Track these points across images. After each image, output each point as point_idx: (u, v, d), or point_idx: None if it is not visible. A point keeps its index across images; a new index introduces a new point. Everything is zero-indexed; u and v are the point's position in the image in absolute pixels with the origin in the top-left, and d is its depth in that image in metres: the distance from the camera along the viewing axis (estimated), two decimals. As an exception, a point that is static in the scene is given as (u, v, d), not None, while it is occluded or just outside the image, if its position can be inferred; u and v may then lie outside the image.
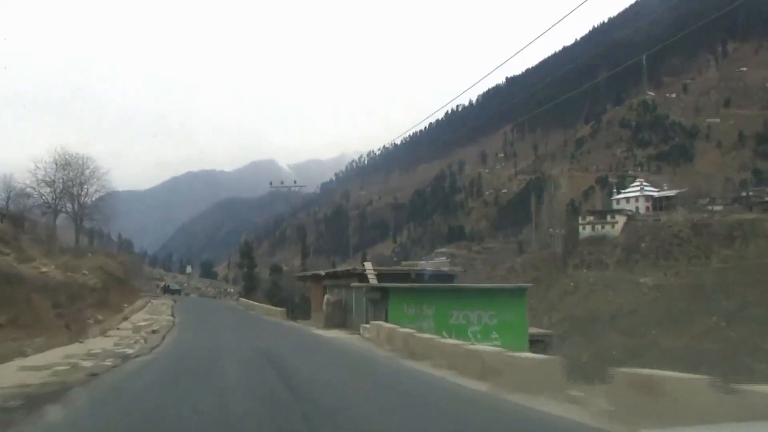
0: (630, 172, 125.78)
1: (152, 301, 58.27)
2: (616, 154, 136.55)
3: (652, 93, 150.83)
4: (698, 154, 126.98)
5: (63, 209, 66.00)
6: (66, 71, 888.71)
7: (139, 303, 51.94)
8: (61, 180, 63.79)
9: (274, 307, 54.56)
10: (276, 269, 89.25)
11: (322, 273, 46.42)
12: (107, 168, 68.99)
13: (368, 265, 38.77)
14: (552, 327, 53.50)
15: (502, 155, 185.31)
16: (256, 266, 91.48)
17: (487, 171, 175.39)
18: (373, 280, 34.85)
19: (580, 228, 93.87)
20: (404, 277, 36.00)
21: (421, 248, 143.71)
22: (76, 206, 65.74)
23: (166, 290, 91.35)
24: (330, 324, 34.27)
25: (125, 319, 37.29)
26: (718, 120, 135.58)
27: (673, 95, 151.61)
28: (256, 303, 63.29)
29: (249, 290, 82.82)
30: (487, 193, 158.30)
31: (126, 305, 45.89)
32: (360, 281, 34.94)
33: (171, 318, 38.96)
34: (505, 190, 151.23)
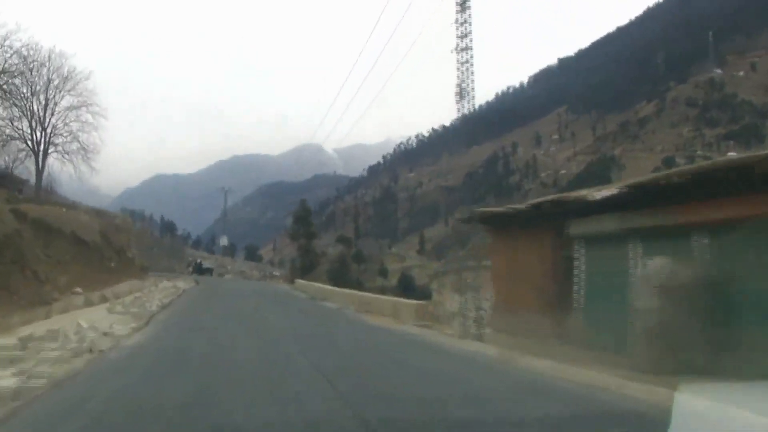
0: (698, 152, 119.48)
1: (160, 283, 38.27)
2: (682, 134, 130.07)
3: (719, 70, 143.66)
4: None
5: (12, 132, 39.43)
6: (111, 56, 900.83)
7: (123, 286, 31.39)
8: None
9: (399, 300, 28.19)
10: (343, 240, 75.87)
11: (595, 195, 14.07)
12: (89, 71, 42.64)
13: None
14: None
15: (557, 137, 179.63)
16: (315, 236, 72.48)
17: (542, 153, 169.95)
18: None
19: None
20: None
21: (477, 231, 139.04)
22: (36, 128, 39.88)
23: (196, 269, 72.40)
24: (667, 358, 10.50)
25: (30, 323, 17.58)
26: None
27: (741, 73, 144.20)
28: (325, 287, 41.31)
29: (307, 269, 63.28)
30: (543, 174, 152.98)
31: (79, 290, 26.45)
32: None
33: (133, 327, 17.79)
34: (564, 171, 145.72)
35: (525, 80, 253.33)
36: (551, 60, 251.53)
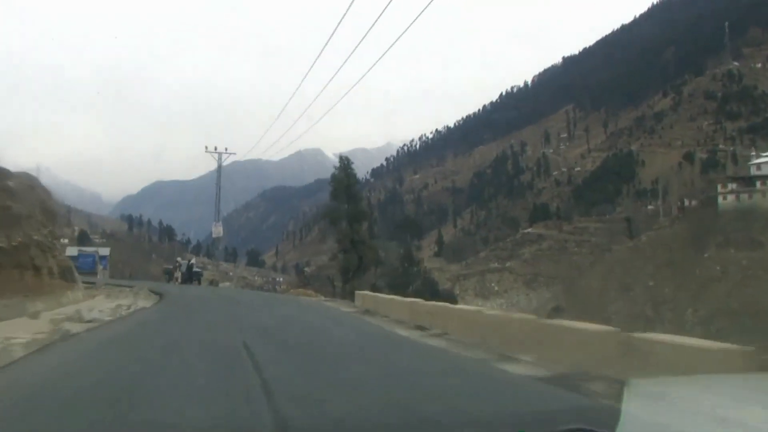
0: (721, 146, 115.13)
1: (56, 308, 18.12)
2: (702, 127, 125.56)
3: (737, 63, 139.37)
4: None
5: None
6: (112, 64, 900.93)
7: None
8: None
9: None
10: (405, 226, 50.33)
11: None
12: None
13: None
14: (701, 323, 42.11)
15: (565, 135, 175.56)
16: (365, 218, 49.66)
17: (551, 151, 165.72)
18: None
19: (720, 198, 79.65)
20: None
21: (489, 231, 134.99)
22: None
23: (184, 275, 45.48)
24: None
25: None
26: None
27: (758, 65, 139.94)
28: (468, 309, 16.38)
29: (351, 272, 42.67)
30: (555, 172, 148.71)
31: None
32: None
33: None
34: (578, 168, 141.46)
35: (529, 79, 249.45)
36: (555, 59, 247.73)
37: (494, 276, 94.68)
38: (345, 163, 47.71)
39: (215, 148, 59.18)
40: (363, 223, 46.62)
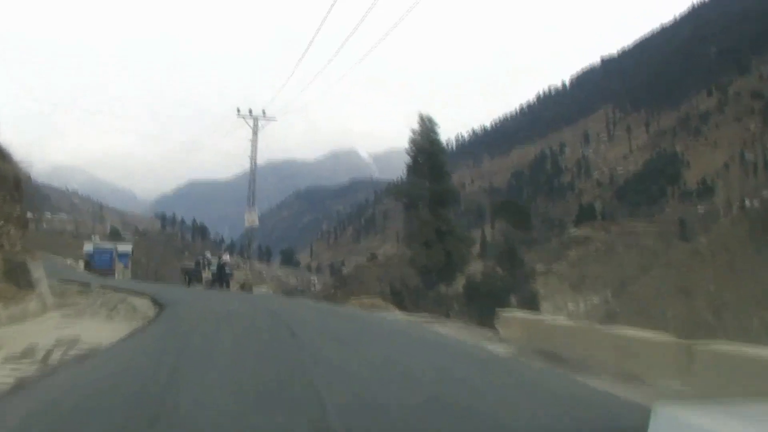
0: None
1: None
2: (749, 128, 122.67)
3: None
4: None
5: None
6: (148, 66, 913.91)
7: None
8: None
9: None
10: (508, 209, 41.86)
11: None
12: None
13: None
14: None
15: (605, 136, 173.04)
16: (448, 177, 37.71)
17: (590, 152, 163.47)
18: None
19: (783, 198, 76.04)
20: None
21: (526, 232, 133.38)
22: None
23: (215, 275, 35.03)
24: None
25: None
26: None
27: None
28: None
29: (436, 271, 32.27)
30: (596, 173, 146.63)
31: None
32: None
33: None
34: (620, 169, 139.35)
35: (567, 80, 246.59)
36: (593, 59, 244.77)
37: (539, 279, 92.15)
38: (428, 125, 34.56)
39: (250, 111, 46.54)
40: (447, 180, 35.22)
